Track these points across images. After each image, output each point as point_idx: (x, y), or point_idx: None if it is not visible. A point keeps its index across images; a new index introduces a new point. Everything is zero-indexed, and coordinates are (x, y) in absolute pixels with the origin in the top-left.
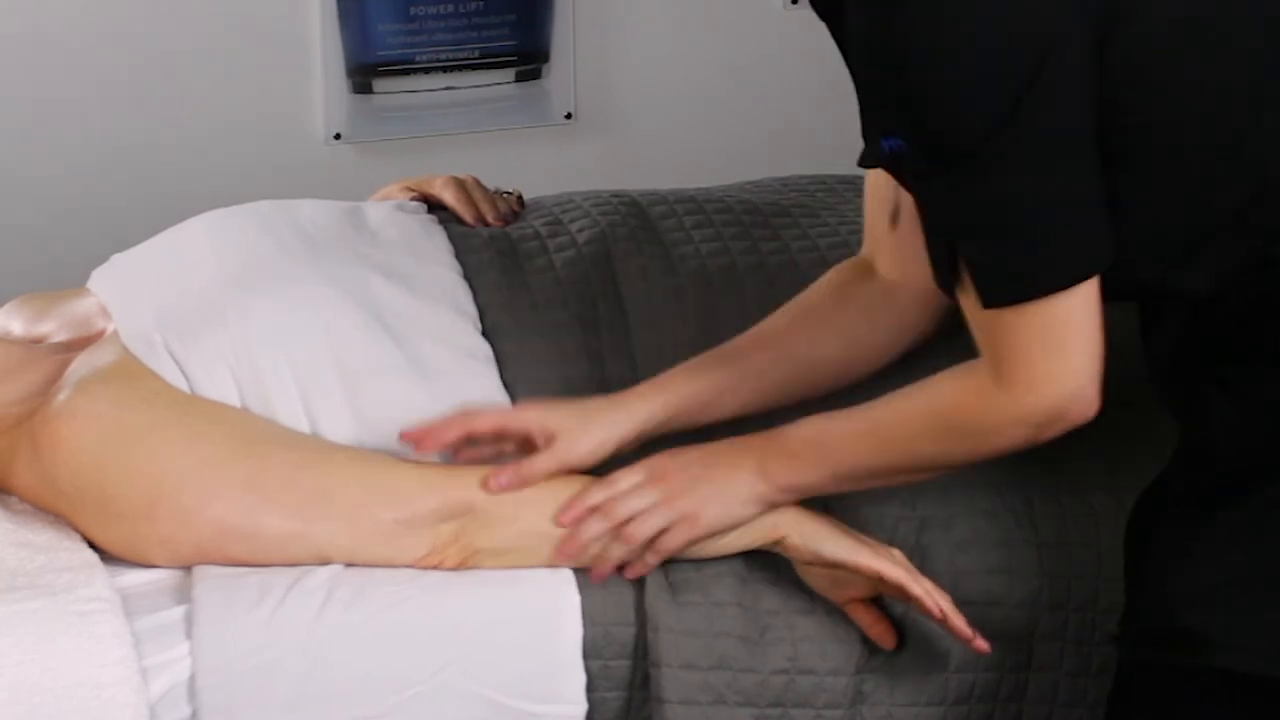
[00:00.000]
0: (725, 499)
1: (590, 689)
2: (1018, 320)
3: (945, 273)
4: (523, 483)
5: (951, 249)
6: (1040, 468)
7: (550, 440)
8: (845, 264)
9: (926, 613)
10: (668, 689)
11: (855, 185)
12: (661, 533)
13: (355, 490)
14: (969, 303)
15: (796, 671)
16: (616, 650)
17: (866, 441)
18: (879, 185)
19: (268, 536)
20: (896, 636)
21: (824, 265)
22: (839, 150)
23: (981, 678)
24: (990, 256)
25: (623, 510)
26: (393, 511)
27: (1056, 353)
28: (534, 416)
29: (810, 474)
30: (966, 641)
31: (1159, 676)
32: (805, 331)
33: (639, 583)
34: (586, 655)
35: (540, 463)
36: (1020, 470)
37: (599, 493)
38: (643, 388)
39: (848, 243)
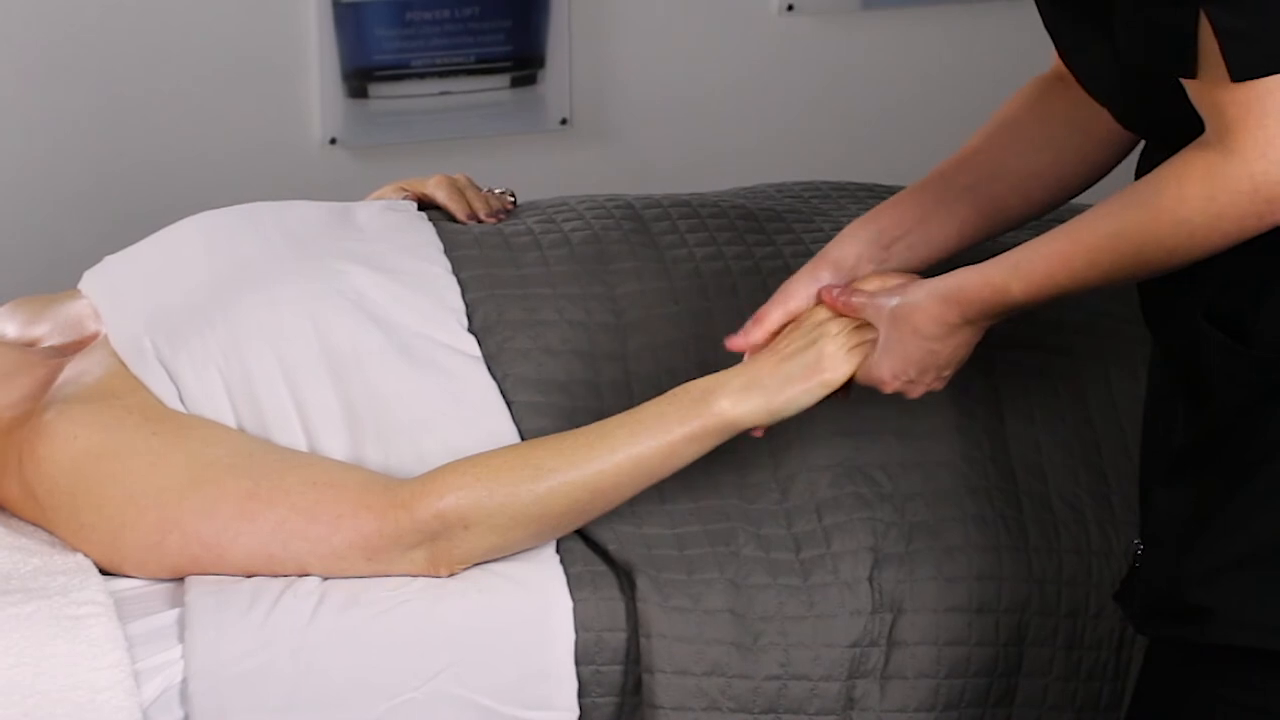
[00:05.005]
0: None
1: (582, 694)
2: (1258, 88)
3: (1167, 56)
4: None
5: (1193, 21)
6: (1030, 473)
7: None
8: (1039, 78)
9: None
10: (661, 695)
11: (848, 191)
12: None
13: (302, 525)
14: (1197, 81)
15: (789, 677)
16: (609, 656)
17: (1082, 260)
18: None
19: (235, 562)
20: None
21: None
22: (833, 156)
23: (971, 683)
24: (1247, 23)
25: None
26: (341, 542)
27: None
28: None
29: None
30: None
31: (1171, 650)
32: (1010, 145)
33: (630, 588)
34: (578, 661)
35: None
36: (1010, 476)
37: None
38: (851, 225)
39: None
